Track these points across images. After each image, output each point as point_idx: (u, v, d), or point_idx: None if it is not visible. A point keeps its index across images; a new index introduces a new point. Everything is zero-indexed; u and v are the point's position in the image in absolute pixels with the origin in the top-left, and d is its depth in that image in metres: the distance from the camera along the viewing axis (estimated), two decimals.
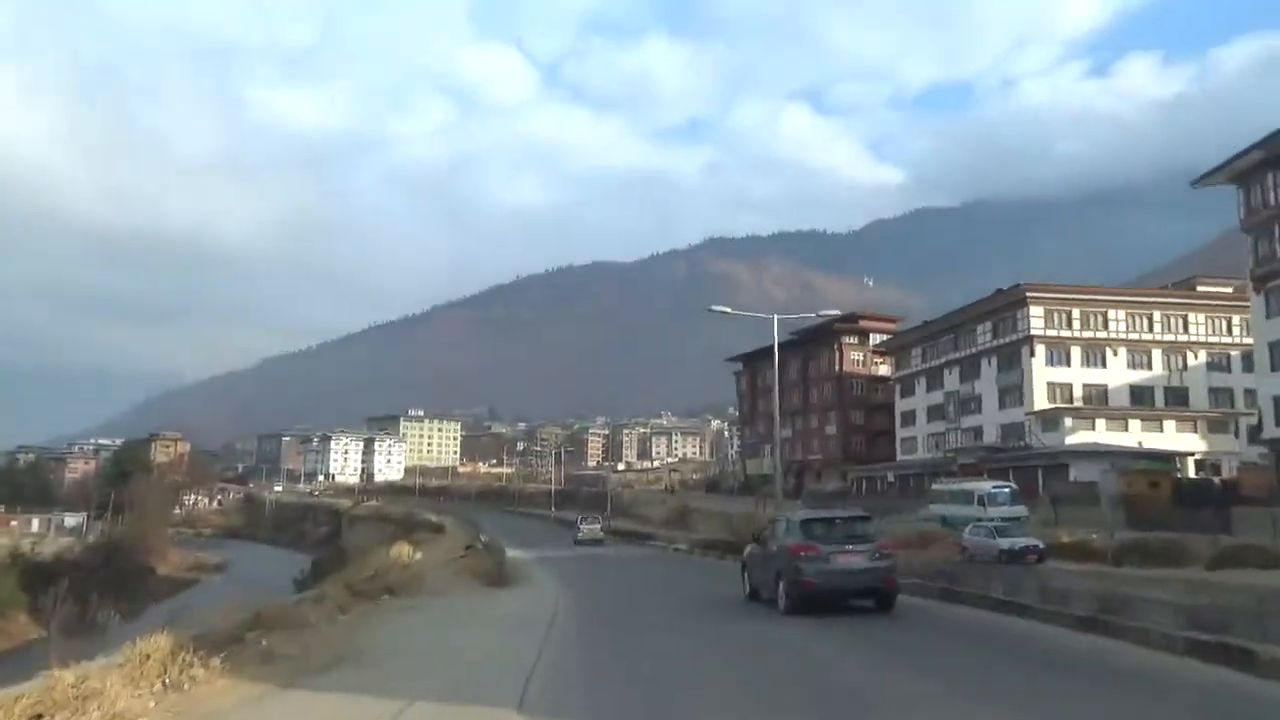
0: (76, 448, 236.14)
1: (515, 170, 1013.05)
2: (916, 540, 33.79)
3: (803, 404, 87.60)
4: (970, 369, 64.81)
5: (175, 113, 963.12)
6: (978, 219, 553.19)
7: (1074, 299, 58.64)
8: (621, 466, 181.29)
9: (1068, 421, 54.00)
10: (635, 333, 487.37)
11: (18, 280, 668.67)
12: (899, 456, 74.41)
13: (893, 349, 77.94)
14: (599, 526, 51.49)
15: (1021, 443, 55.95)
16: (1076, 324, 57.92)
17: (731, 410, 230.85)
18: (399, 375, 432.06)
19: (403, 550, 34.61)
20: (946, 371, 68.13)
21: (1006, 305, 60.06)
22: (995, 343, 61.42)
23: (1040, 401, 56.60)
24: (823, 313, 30.70)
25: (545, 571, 26.68)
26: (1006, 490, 34.80)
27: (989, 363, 62.25)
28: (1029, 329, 57.39)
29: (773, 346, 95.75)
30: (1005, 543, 25.87)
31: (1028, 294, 57.62)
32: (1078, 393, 57.13)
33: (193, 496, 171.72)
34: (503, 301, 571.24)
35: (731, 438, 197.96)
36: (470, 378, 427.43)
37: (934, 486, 40.16)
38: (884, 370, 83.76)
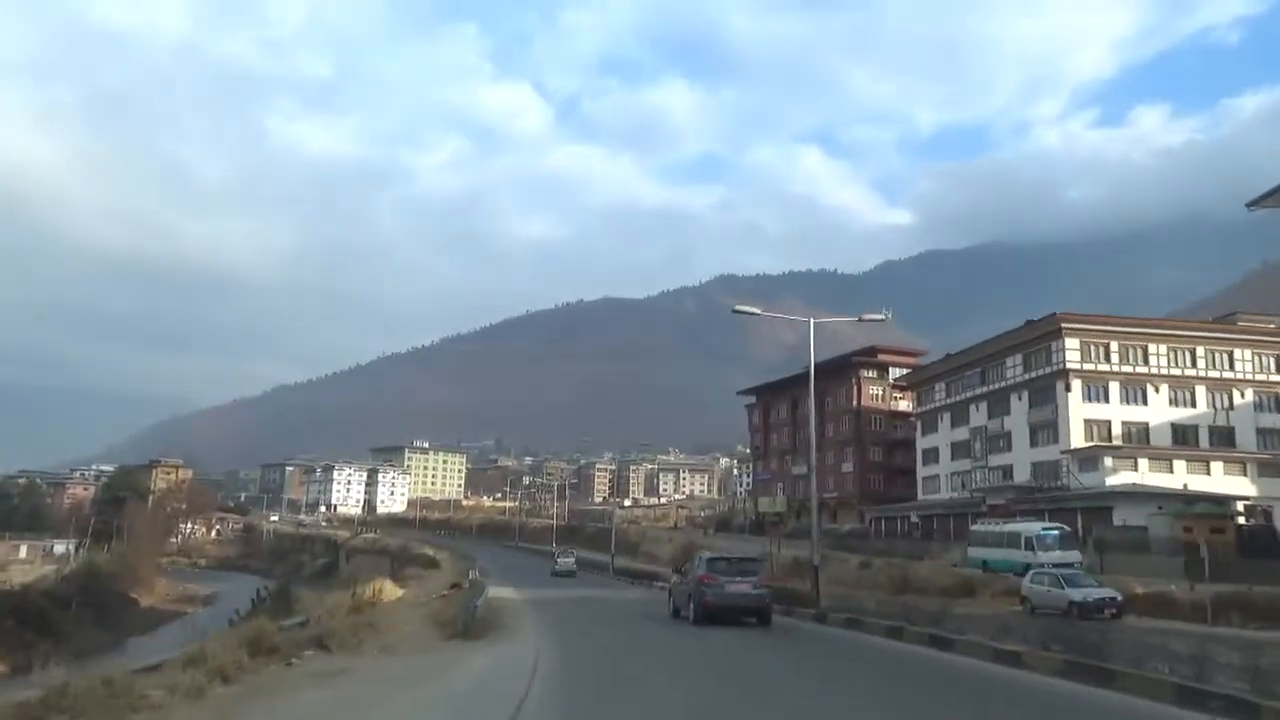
0: (78, 473, 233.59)
1: (529, 205, 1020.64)
2: (958, 588, 30.17)
3: (819, 440, 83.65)
4: (999, 404, 61.28)
5: (193, 141, 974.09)
6: (987, 262, 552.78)
7: (1112, 331, 55.19)
8: (628, 503, 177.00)
9: (1108, 461, 50.31)
10: (645, 369, 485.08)
11: (32, 302, 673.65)
12: (920, 496, 70.64)
13: (914, 383, 74.47)
14: (572, 560, 56.99)
15: (1058, 483, 52.26)
16: (1115, 358, 54.46)
17: (741, 448, 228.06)
18: (407, 406, 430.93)
19: (377, 587, 31.27)
20: (973, 407, 64.60)
21: (1039, 337, 56.65)
22: (1027, 376, 57.94)
23: (1077, 439, 52.98)
24: (866, 316, 26.62)
25: (533, 617, 23.25)
26: (1056, 533, 31.22)
27: (1019, 398, 58.73)
28: (1064, 362, 53.93)
29: (788, 380, 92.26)
30: (1076, 594, 22.24)
31: (1063, 324, 54.21)
32: (1116, 430, 53.53)
33: (189, 525, 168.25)
34: (513, 335, 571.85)
35: (741, 475, 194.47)
36: (478, 410, 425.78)
37: (974, 528, 36.61)
38: (904, 406, 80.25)
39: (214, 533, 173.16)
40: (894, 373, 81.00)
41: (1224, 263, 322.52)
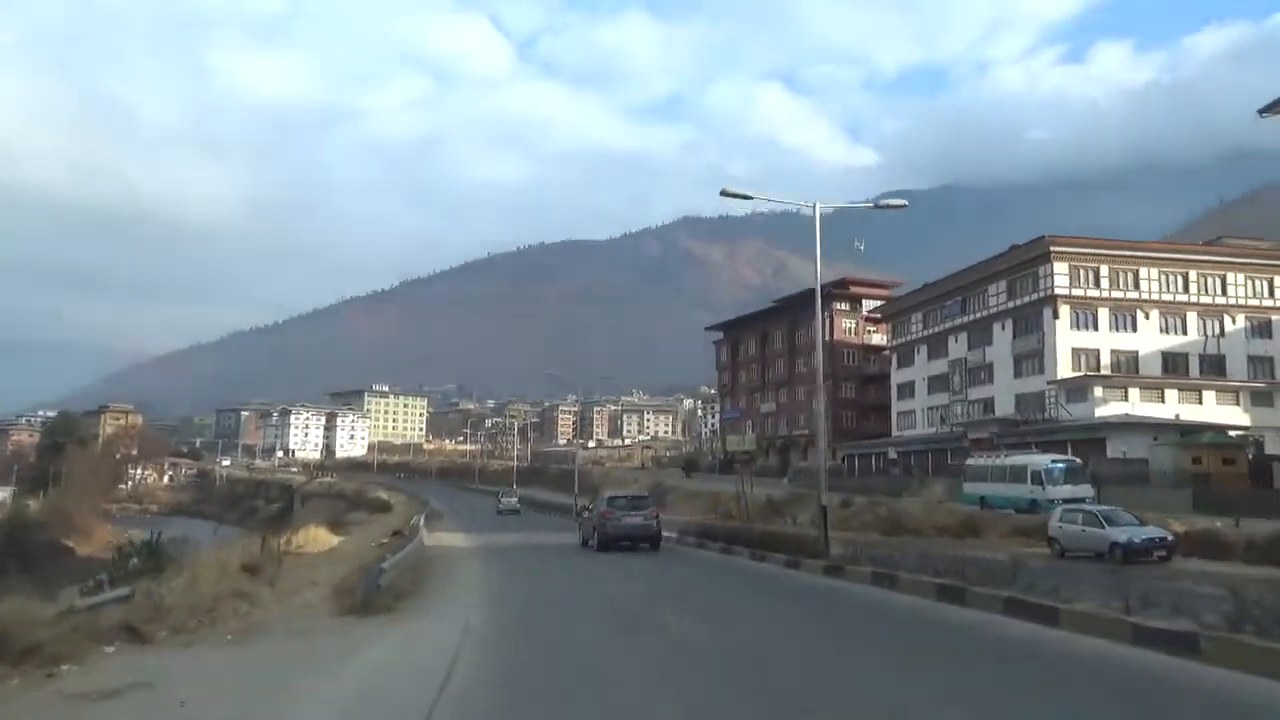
0: (24, 419, 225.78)
1: (489, 146, 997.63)
2: (958, 527, 27.12)
3: (788, 375, 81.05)
4: (981, 334, 58.42)
5: (139, 83, 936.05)
6: (951, 203, 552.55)
7: (1102, 255, 52.08)
8: (592, 444, 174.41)
9: (1097, 391, 47.70)
10: (607, 311, 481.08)
11: None
12: (895, 432, 68.13)
13: (890, 315, 71.42)
14: (515, 499, 64.08)
15: (1042, 415, 49.69)
16: (1105, 283, 51.52)
17: (705, 388, 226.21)
18: (367, 351, 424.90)
19: (303, 536, 27.61)
20: (952, 338, 61.73)
21: (1026, 262, 53.50)
22: (1011, 304, 54.97)
23: (1064, 369, 50.29)
24: (884, 202, 22.75)
25: (475, 570, 19.77)
26: (1064, 466, 28.22)
27: (1003, 327, 55.83)
28: (1053, 287, 50.90)
29: (757, 314, 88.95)
30: (1120, 534, 18.99)
31: (1052, 248, 51.02)
32: (1105, 360, 50.86)
33: (140, 471, 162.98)
34: (474, 278, 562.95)
35: (705, 415, 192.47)
36: (440, 355, 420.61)
37: (969, 462, 33.64)
38: (878, 339, 77.36)
39: (166, 478, 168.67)
40: (867, 305, 77.88)
41: (1184, 202, 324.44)
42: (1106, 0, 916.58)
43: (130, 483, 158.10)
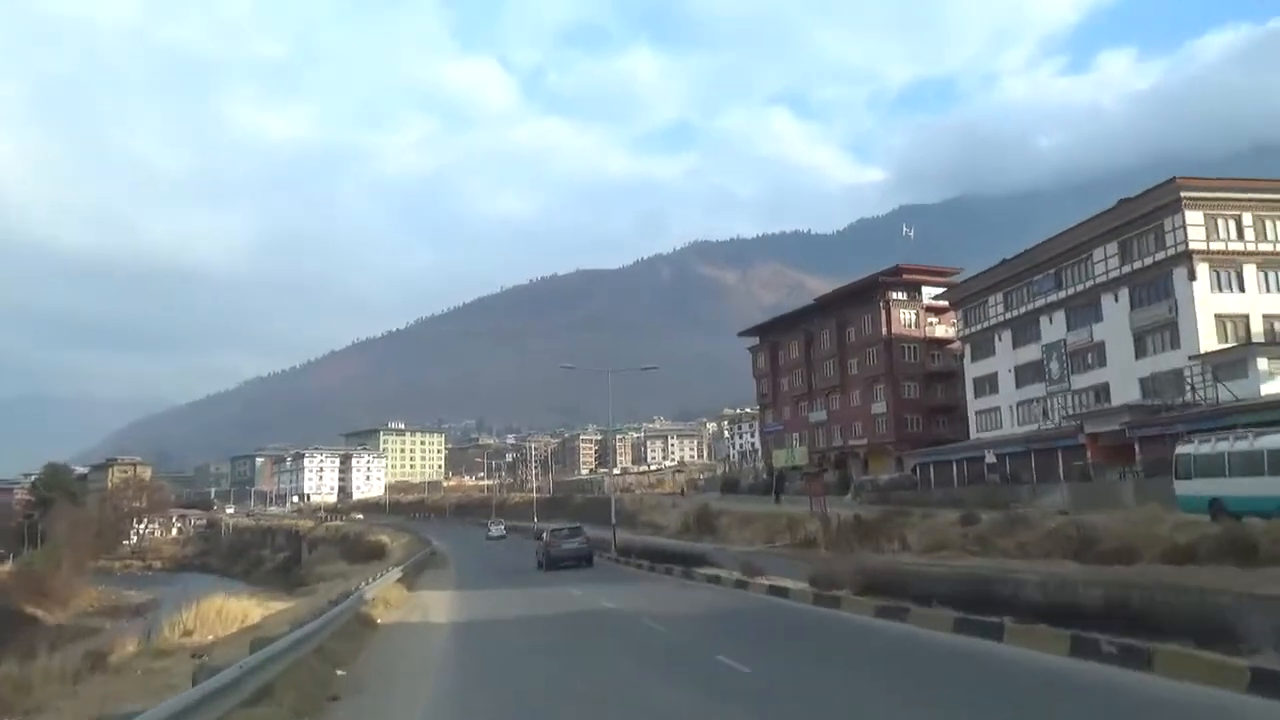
0: (32, 478, 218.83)
1: (498, 181, 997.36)
2: (1214, 549, 17.16)
3: (840, 379, 71.33)
4: (1085, 311, 48.71)
5: (150, 133, 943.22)
6: (962, 214, 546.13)
7: (1246, 199, 42.23)
8: (617, 471, 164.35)
9: (1261, 363, 37.88)
10: (623, 339, 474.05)
11: None
12: (975, 434, 58.27)
13: (960, 300, 61.70)
14: (502, 527, 72.76)
15: (1180, 399, 39.85)
16: (1250, 233, 41.87)
17: (728, 410, 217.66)
18: (385, 391, 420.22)
19: (212, 612, 18.47)
20: (1044, 319, 52.03)
21: (1145, 215, 43.83)
22: (1127, 269, 45.26)
23: (1208, 340, 40.53)
24: None
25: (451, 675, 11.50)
26: None
27: (1115, 299, 46.09)
28: (1186, 242, 41.21)
29: (798, 313, 79.51)
30: None
31: (1184, 194, 41.39)
32: (1256, 326, 41.10)
33: (144, 525, 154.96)
34: (488, 312, 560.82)
35: (733, 437, 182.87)
36: (458, 391, 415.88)
37: (1184, 451, 23.82)
38: (942, 331, 67.69)
39: (175, 531, 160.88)
40: (927, 295, 68.21)
41: None
42: (1106, 10, 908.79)
43: (136, 538, 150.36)
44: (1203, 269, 41.38)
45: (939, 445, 59.68)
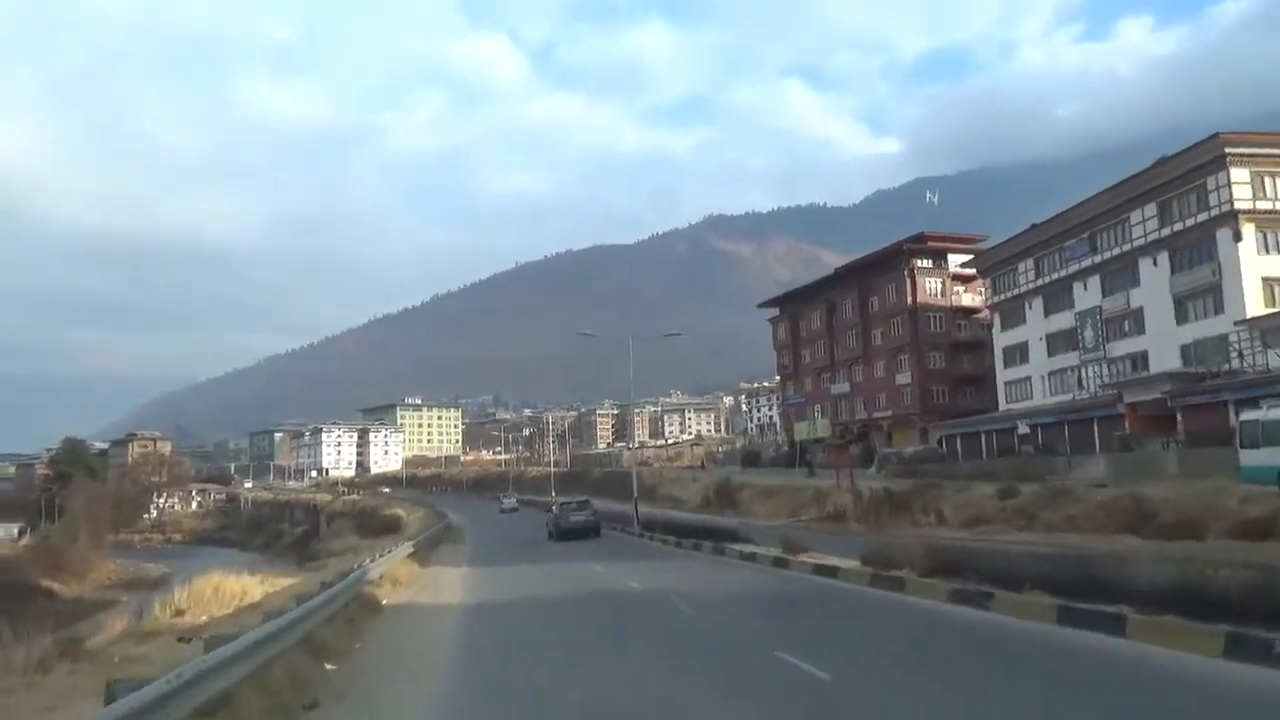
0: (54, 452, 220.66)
1: (512, 157, 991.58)
2: (1261, 526, 15.67)
3: (863, 350, 69.61)
4: (1121, 275, 46.78)
5: (163, 115, 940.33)
6: (979, 185, 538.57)
7: None
8: (634, 445, 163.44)
9: None
10: (639, 314, 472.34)
11: (16, 291, 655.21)
12: (1004, 405, 56.57)
13: (988, 267, 59.72)
14: (514, 500, 74.90)
15: (1225, 366, 38.05)
16: None
17: (744, 384, 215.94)
18: (402, 367, 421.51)
19: (209, 589, 17.34)
20: (1078, 285, 50.11)
21: (1186, 174, 41.78)
22: (1166, 231, 43.28)
23: (1254, 304, 38.63)
24: None
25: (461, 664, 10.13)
26: None
27: (1154, 262, 44.13)
28: (1230, 200, 39.23)
29: (820, 283, 77.80)
30: None
31: (1228, 149, 39.33)
32: None
33: (163, 499, 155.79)
34: (503, 289, 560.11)
35: (750, 410, 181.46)
36: (474, 367, 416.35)
37: (1250, 418, 22.11)
38: (969, 300, 65.79)
39: (194, 505, 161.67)
40: (953, 263, 66.24)
41: None
42: None
43: (156, 511, 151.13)
44: (1249, 229, 39.38)
45: (966, 417, 58.06)
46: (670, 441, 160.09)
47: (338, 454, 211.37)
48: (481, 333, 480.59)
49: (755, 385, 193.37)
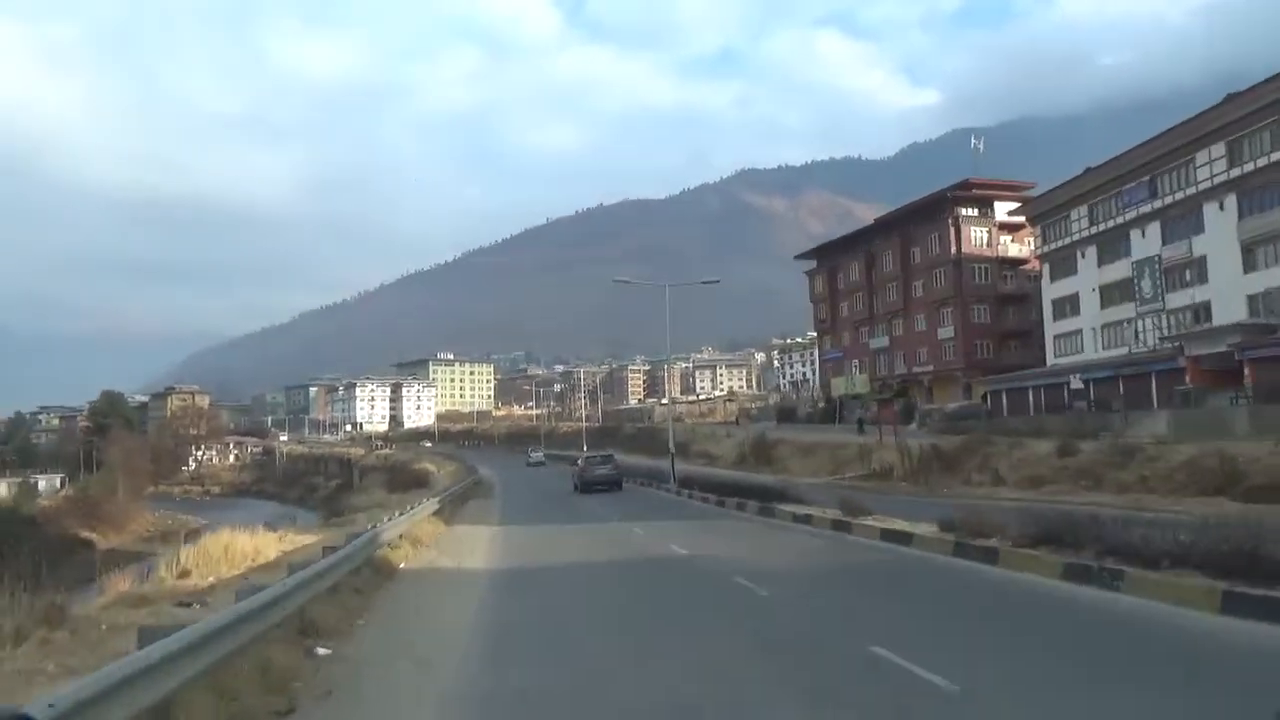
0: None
1: (543, 113, 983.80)
2: None
3: (904, 303, 67.41)
4: (1183, 221, 44.25)
5: (195, 73, 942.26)
6: (1018, 136, 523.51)
7: None
8: (665, 401, 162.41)
9: None
10: (670, 269, 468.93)
11: (50, 249, 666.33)
12: (1052, 359, 54.37)
13: (1039, 214, 57.08)
14: (541, 454, 76.39)
15: None
16: None
17: (776, 340, 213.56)
18: (435, 323, 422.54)
19: (218, 548, 16.22)
20: (1136, 233, 47.57)
21: (1260, 110, 38.97)
22: (1236, 173, 40.65)
23: None
24: None
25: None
26: None
27: (1220, 206, 41.57)
28: None
29: (860, 233, 75.39)
30: None
31: None
32: None
33: (201, 451, 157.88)
34: (535, 244, 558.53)
35: (783, 366, 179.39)
36: (506, 322, 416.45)
37: None
38: (1016, 251, 63.22)
39: (232, 458, 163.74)
40: (1000, 211, 63.53)
41: None
42: None
43: (195, 464, 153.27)
44: None
45: (1010, 372, 55.93)
46: (703, 397, 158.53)
47: (371, 408, 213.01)
48: (513, 289, 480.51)
49: (788, 341, 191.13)
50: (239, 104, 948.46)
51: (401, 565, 14.56)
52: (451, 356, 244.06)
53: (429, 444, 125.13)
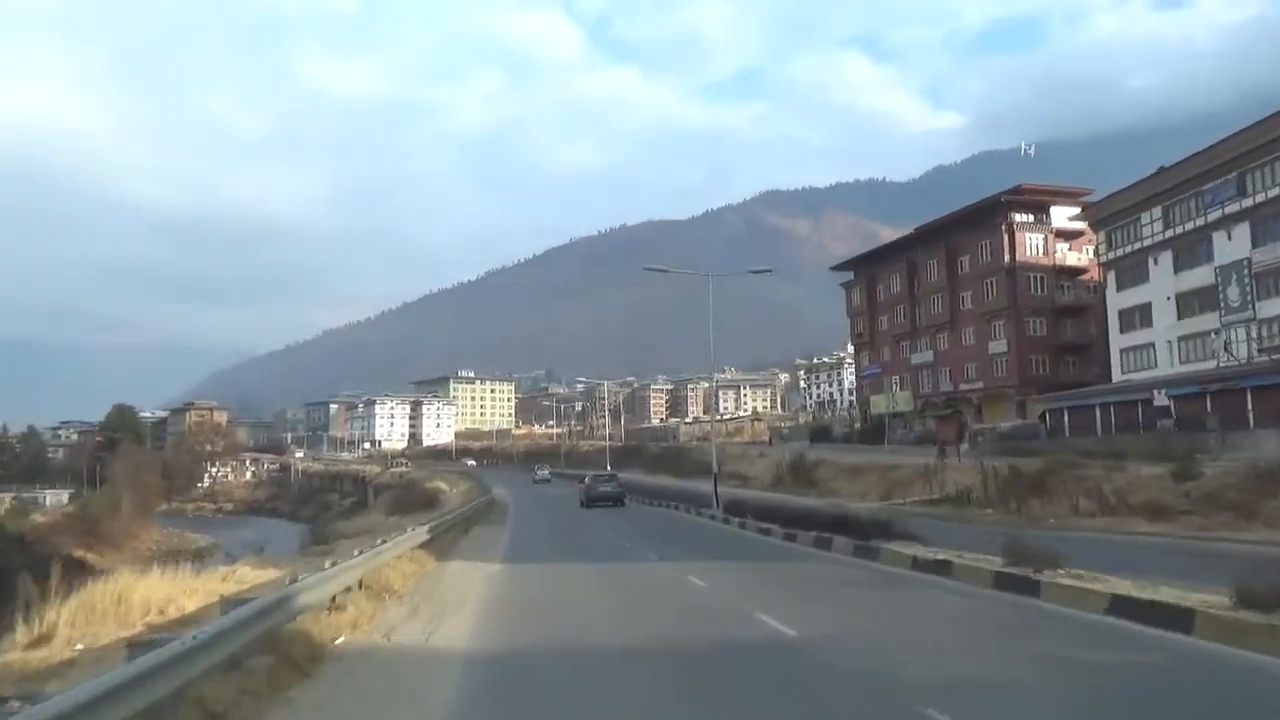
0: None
1: (567, 133, 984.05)
2: None
3: (950, 315, 62.88)
4: (1278, 221, 39.67)
5: (226, 91, 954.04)
6: (1044, 159, 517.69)
7: None
8: (689, 420, 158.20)
9: None
10: (693, 290, 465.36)
11: (85, 264, 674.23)
12: (1119, 375, 49.66)
13: (1103, 219, 52.49)
14: (547, 471, 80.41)
15: None
16: None
17: (799, 360, 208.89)
18: (456, 341, 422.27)
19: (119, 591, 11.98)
20: (1219, 235, 43.02)
21: None
22: None
23: None
24: None
25: None
26: None
27: None
28: None
29: (901, 242, 70.71)
30: None
31: None
32: None
33: (215, 468, 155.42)
34: (558, 264, 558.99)
35: (809, 386, 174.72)
36: (528, 341, 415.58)
37: None
38: (1074, 260, 58.63)
39: (248, 474, 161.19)
40: (1057, 217, 58.98)
41: None
42: None
43: (209, 480, 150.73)
44: None
45: (1067, 389, 51.28)
46: (728, 416, 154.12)
47: (390, 425, 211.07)
48: (535, 308, 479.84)
49: (813, 360, 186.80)
50: (267, 122, 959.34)
51: (339, 640, 9.33)
52: (472, 374, 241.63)
53: (471, 461, 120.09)
